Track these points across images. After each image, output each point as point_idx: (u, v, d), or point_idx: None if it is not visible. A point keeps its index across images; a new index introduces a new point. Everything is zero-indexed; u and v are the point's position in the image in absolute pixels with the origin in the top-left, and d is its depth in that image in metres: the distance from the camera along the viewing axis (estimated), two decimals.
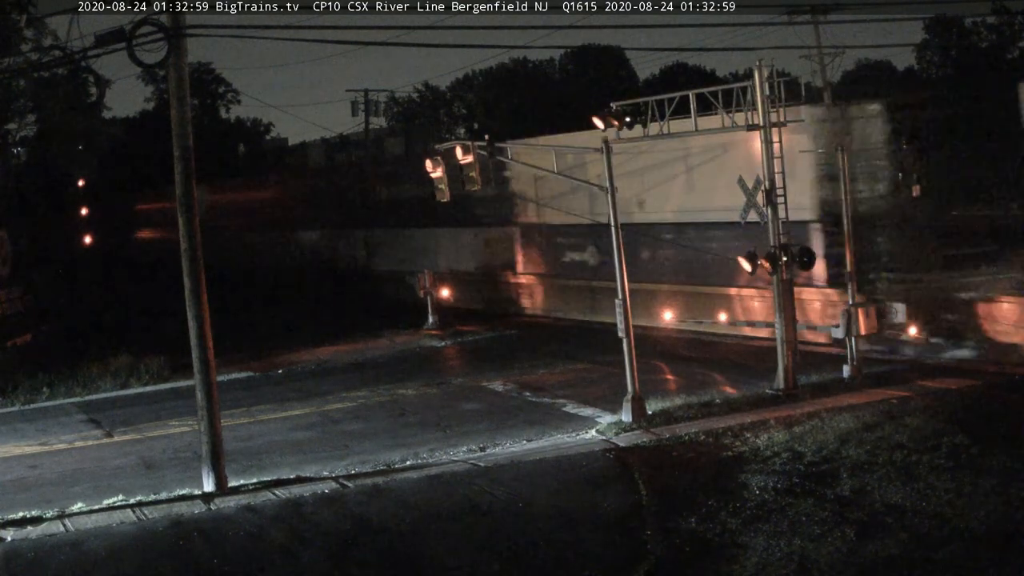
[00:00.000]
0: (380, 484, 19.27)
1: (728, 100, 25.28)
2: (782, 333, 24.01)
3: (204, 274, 19.70)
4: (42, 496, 19.94)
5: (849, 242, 24.99)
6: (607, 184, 23.24)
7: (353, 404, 26.87)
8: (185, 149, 19.49)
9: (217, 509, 18.45)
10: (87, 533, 17.42)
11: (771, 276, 24.12)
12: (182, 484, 19.93)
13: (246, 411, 26.60)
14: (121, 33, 18.60)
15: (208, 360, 19.63)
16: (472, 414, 24.85)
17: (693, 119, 26.19)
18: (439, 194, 25.99)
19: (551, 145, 31.50)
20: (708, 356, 29.54)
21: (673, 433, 21.34)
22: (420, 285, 38.55)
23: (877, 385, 23.84)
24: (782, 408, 22.45)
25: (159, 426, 25.70)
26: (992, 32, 66.40)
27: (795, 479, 17.66)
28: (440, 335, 36.33)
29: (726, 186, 26.52)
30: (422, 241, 46.06)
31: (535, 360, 30.87)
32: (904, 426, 19.94)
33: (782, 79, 25.66)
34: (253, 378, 31.26)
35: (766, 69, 24.10)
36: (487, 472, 19.63)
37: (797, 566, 14.42)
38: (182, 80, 19.43)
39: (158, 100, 76.77)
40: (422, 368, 31.25)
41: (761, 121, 24.06)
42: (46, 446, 24.43)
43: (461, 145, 24.88)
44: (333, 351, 34.62)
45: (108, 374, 31.33)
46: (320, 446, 22.83)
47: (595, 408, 24.26)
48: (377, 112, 70.02)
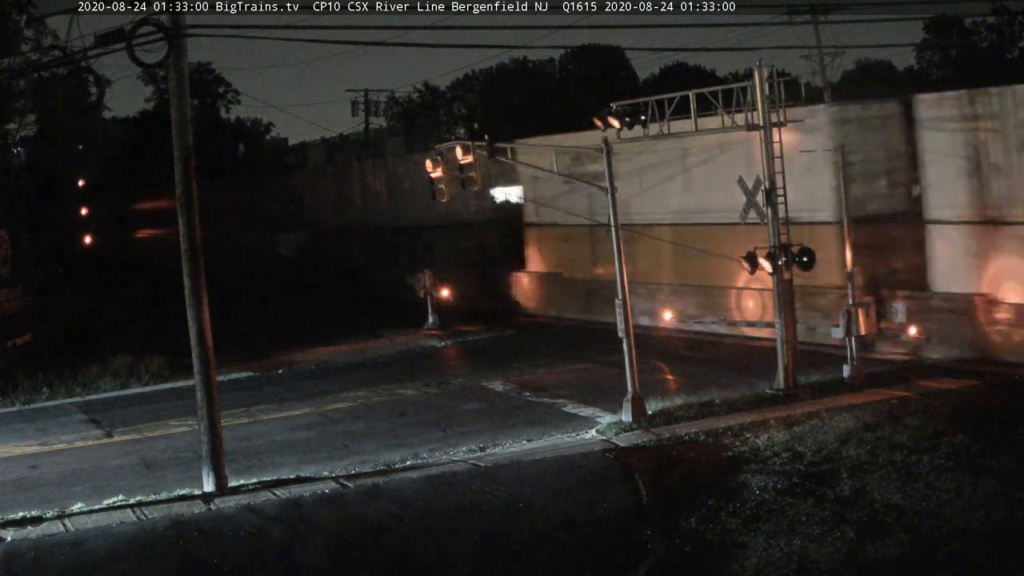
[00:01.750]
0: (380, 484, 19.27)
1: (728, 100, 25.30)
2: (782, 333, 24.01)
3: (204, 274, 19.70)
4: (42, 496, 19.93)
5: (849, 242, 24.98)
6: (607, 184, 23.25)
7: (353, 404, 26.87)
8: (185, 149, 19.50)
9: (217, 509, 18.45)
10: (87, 533, 17.42)
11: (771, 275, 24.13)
12: (182, 484, 19.92)
13: (246, 411, 26.60)
14: (121, 33, 18.61)
15: (208, 360, 19.63)
16: (472, 414, 24.85)
17: (693, 119, 26.20)
18: (439, 194, 26.00)
19: (551, 145, 31.51)
20: (708, 356, 29.54)
21: (673, 433, 21.34)
22: (420, 285, 38.53)
23: (877, 385, 23.84)
24: (782, 408, 22.45)
25: (159, 426, 25.70)
26: (992, 32, 66.42)
27: (795, 479, 17.65)
28: (440, 335, 36.32)
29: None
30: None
31: (535, 360, 30.86)
32: (904, 426, 19.94)
33: (782, 79, 25.68)
34: (253, 378, 31.26)
35: (766, 69, 24.12)
36: (487, 472, 19.63)
37: (797, 566, 14.42)
38: (182, 80, 19.43)
39: (158, 100, 76.74)
40: (422, 368, 31.24)
41: (761, 121, 24.06)
42: (46, 446, 24.42)
43: (461, 145, 24.88)
44: (333, 351, 34.62)
45: (108, 374, 31.33)
46: (320, 446, 22.83)
47: (595, 408, 24.26)
48: (377, 112, 70.12)
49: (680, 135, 27.33)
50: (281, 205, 61.26)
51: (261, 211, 63.19)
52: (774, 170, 24.00)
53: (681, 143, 30.33)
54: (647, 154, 32.24)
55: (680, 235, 31.97)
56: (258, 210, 63.57)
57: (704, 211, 31.69)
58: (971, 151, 26.24)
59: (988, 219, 26.08)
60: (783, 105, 24.79)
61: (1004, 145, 25.66)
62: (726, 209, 27.22)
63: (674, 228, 32.57)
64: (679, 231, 32.33)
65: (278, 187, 63.41)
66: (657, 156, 32.70)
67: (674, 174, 33.08)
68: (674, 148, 31.69)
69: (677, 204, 33.08)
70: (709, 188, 31.16)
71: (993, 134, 25.76)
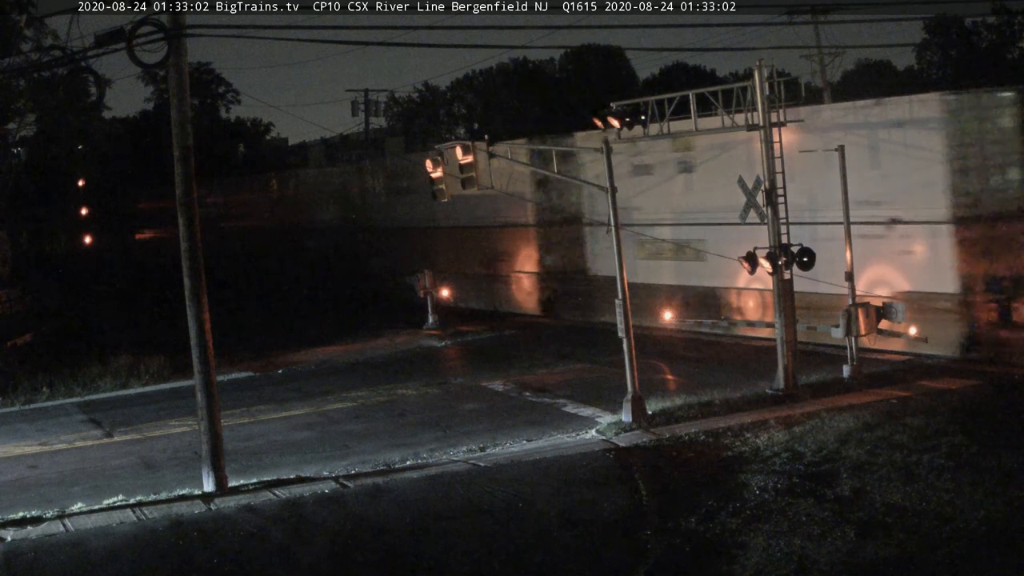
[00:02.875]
0: (380, 484, 19.27)
1: (728, 100, 25.30)
2: (782, 333, 24.01)
3: (204, 274, 19.70)
4: (42, 496, 19.94)
5: (849, 241, 24.95)
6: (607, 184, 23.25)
7: (353, 404, 26.87)
8: (185, 149, 19.50)
9: (217, 509, 18.45)
10: (87, 533, 17.42)
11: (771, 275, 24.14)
12: (182, 484, 19.92)
13: (246, 411, 26.60)
14: (121, 33, 18.61)
15: (208, 360, 19.62)
16: (472, 414, 24.85)
17: (693, 119, 26.21)
18: (439, 194, 26.00)
19: (551, 146, 31.53)
20: (708, 356, 29.54)
21: (673, 433, 21.33)
22: (420, 285, 38.55)
23: (877, 385, 23.84)
24: (782, 408, 22.45)
25: (159, 426, 25.70)
26: (992, 32, 66.36)
27: (795, 479, 17.66)
28: (440, 335, 36.33)
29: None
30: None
31: (535, 360, 30.87)
32: (904, 426, 19.94)
33: (782, 79, 25.68)
34: (253, 378, 31.26)
35: (766, 69, 24.11)
36: (487, 472, 19.63)
37: (797, 566, 14.42)
38: (182, 80, 19.43)
39: (158, 100, 76.68)
40: (422, 368, 31.24)
41: (761, 121, 24.06)
42: (46, 446, 24.42)
43: (461, 145, 24.89)
44: (333, 351, 34.63)
45: (108, 374, 31.34)
46: (320, 446, 22.83)
47: (595, 408, 24.25)
48: (377, 112, 70.01)
49: (680, 135, 27.32)
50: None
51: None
52: (774, 170, 24.00)
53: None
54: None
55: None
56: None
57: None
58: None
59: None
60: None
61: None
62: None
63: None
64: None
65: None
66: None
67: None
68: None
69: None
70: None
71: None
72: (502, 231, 41.41)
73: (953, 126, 26.46)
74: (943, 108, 26.88)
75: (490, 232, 41.99)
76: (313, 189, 57.66)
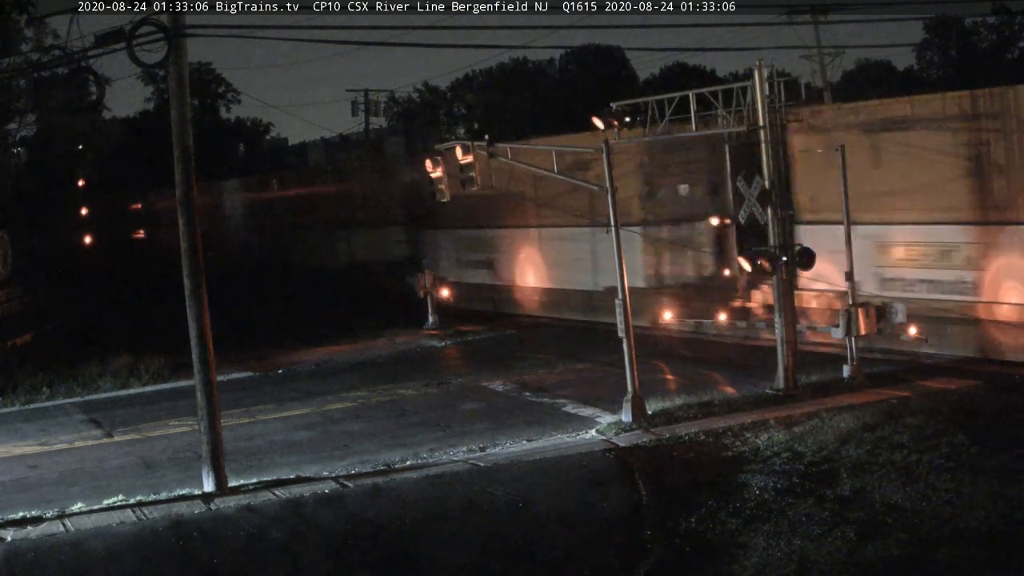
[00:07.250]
0: (380, 484, 19.27)
1: (728, 100, 25.28)
2: (782, 333, 24.00)
3: (204, 274, 19.70)
4: (42, 496, 19.94)
5: (848, 241, 24.94)
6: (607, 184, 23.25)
7: (353, 404, 26.87)
8: (185, 149, 19.49)
9: (217, 509, 18.44)
10: (87, 533, 17.41)
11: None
12: (182, 484, 19.92)
13: (246, 411, 26.59)
14: (121, 33, 18.61)
15: (208, 360, 19.62)
16: (472, 414, 24.85)
17: (693, 119, 26.19)
18: (439, 194, 25.99)
19: (551, 146, 31.48)
20: (708, 356, 29.53)
21: (673, 433, 21.32)
22: (420, 285, 38.51)
23: (877, 385, 23.82)
24: (782, 408, 22.43)
25: (159, 426, 25.70)
26: (992, 32, 66.43)
27: (795, 479, 17.65)
28: (440, 335, 36.31)
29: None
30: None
31: (535, 360, 30.86)
32: (904, 426, 19.92)
33: (782, 79, 25.66)
34: (253, 378, 31.25)
35: (766, 69, 24.10)
36: (487, 472, 19.62)
37: (797, 566, 14.43)
38: (182, 80, 19.43)
39: (158, 100, 76.74)
40: (422, 368, 31.23)
41: (761, 121, 24.05)
42: (46, 446, 24.43)
43: (461, 145, 24.90)
44: (333, 351, 34.62)
45: (108, 374, 31.33)
46: (320, 446, 22.83)
47: (595, 408, 24.25)
48: (377, 112, 70.00)
49: (680, 135, 27.31)
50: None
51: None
52: (776, 170, 23.99)
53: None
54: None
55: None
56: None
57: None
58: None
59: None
60: (783, 105, 24.67)
61: None
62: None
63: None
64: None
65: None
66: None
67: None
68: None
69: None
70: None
71: None
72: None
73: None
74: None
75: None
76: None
